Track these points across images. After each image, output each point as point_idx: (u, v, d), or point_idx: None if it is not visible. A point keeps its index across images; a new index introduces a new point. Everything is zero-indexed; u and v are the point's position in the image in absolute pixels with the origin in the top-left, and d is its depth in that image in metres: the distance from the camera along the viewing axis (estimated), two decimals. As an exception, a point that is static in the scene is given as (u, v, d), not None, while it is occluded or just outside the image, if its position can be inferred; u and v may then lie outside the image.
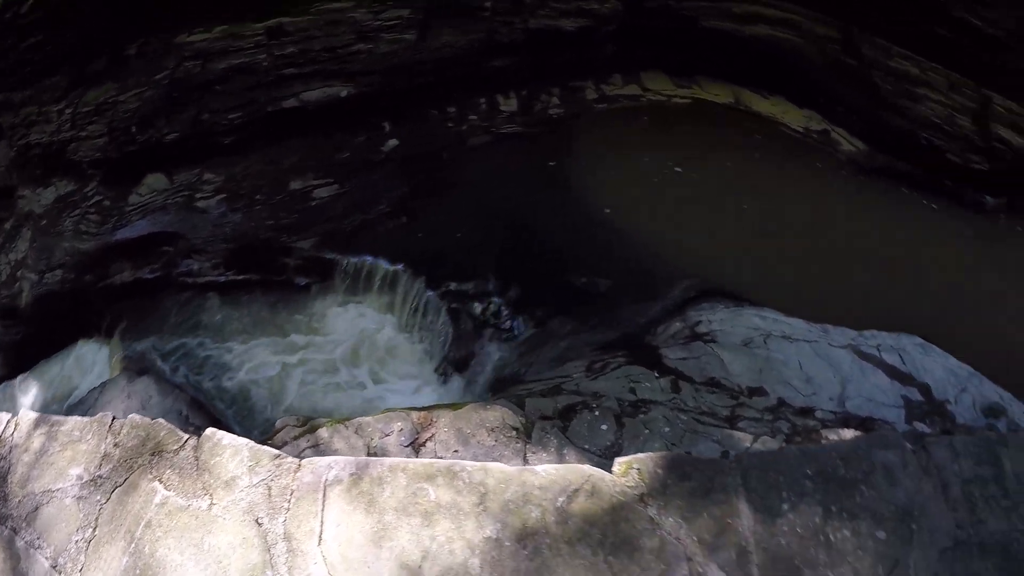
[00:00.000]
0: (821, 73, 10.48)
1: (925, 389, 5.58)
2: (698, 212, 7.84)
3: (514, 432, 3.88)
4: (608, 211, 7.66)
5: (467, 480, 2.22)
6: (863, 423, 4.71)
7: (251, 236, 7.25)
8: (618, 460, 2.32)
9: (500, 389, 5.93)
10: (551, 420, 4.28)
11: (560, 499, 2.19)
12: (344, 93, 7.56)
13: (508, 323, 6.86)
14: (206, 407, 6.59)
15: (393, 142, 8.03)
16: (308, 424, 4.14)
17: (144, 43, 6.98)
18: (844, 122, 10.75)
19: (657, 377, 5.03)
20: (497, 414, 4.10)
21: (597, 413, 4.39)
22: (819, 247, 7.94)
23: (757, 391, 4.96)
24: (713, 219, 7.76)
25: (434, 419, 3.96)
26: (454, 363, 6.88)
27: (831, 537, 2.24)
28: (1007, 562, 2.26)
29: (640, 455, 2.38)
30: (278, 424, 4.35)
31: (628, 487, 2.24)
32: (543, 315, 6.76)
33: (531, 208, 7.55)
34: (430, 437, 3.81)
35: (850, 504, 2.23)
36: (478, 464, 2.26)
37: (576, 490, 2.20)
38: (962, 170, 10.01)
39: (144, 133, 7.21)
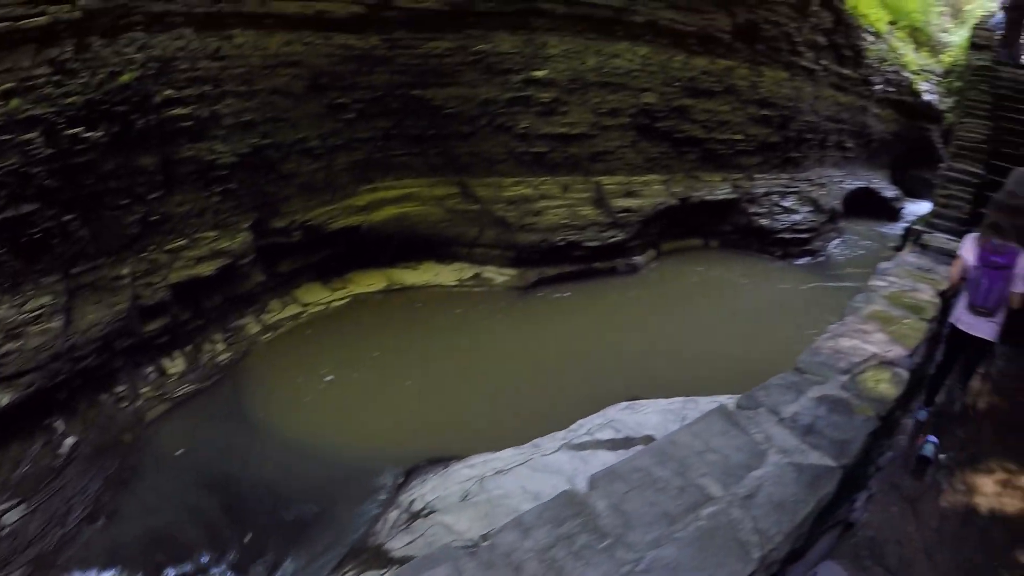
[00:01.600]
0: (452, 227, 12.39)
1: (649, 440, 5.97)
2: (379, 398, 8.69)
3: None
4: (295, 435, 8.09)
5: None
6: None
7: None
8: None
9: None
10: None
11: None
12: (6, 400, 6.42)
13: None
14: None
15: (71, 440, 7.81)
16: None
17: None
18: (488, 259, 12.74)
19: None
20: None
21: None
22: (503, 373, 9.45)
23: (486, 536, 4.70)
24: (395, 399, 8.68)
25: None
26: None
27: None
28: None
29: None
30: None
31: None
32: (272, 561, 6.75)
33: (225, 459, 7.69)
34: None
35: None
36: None
37: None
38: (603, 249, 12.95)
39: None
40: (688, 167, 14.88)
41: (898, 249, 16.43)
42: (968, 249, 4.75)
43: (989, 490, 4.60)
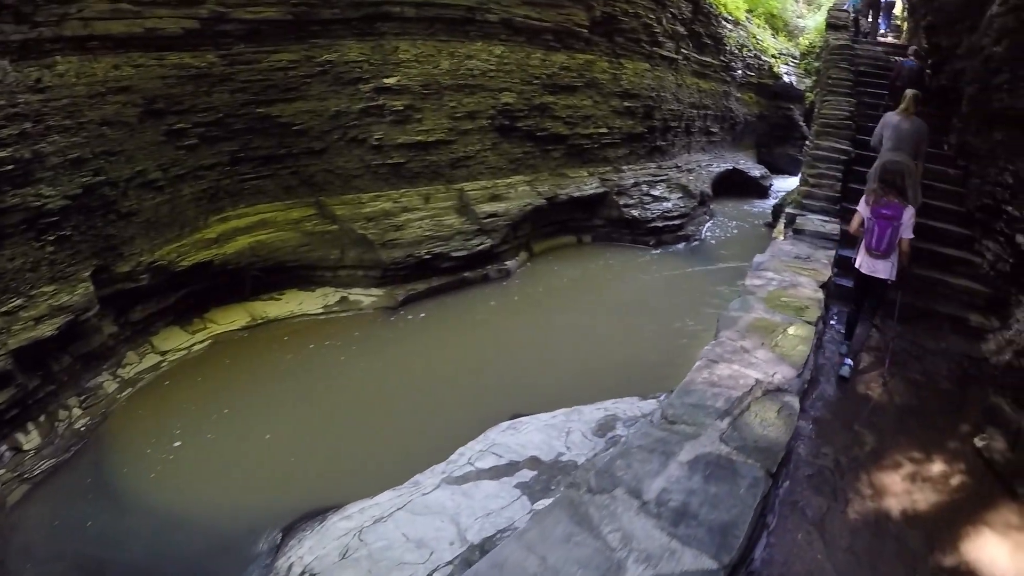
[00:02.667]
0: (311, 251, 12.31)
1: (534, 462, 6.03)
2: (249, 451, 8.37)
3: None
4: (164, 504, 7.65)
5: None
6: (489, 541, 5.00)
7: None
8: None
9: None
10: None
11: None
12: None
13: None
14: None
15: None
16: None
17: None
18: (354, 281, 12.74)
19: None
20: None
21: None
22: (377, 404, 9.31)
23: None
24: (265, 450, 8.38)
25: None
26: None
27: None
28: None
29: None
30: None
31: None
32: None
33: (94, 541, 7.21)
34: None
35: None
36: None
37: None
38: (471, 258, 13.27)
39: None
40: (554, 165, 15.41)
41: (769, 226, 17.51)
42: (863, 205, 6.26)
43: (898, 488, 4.48)
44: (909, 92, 8.40)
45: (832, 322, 7.30)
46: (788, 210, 10.23)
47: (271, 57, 11.04)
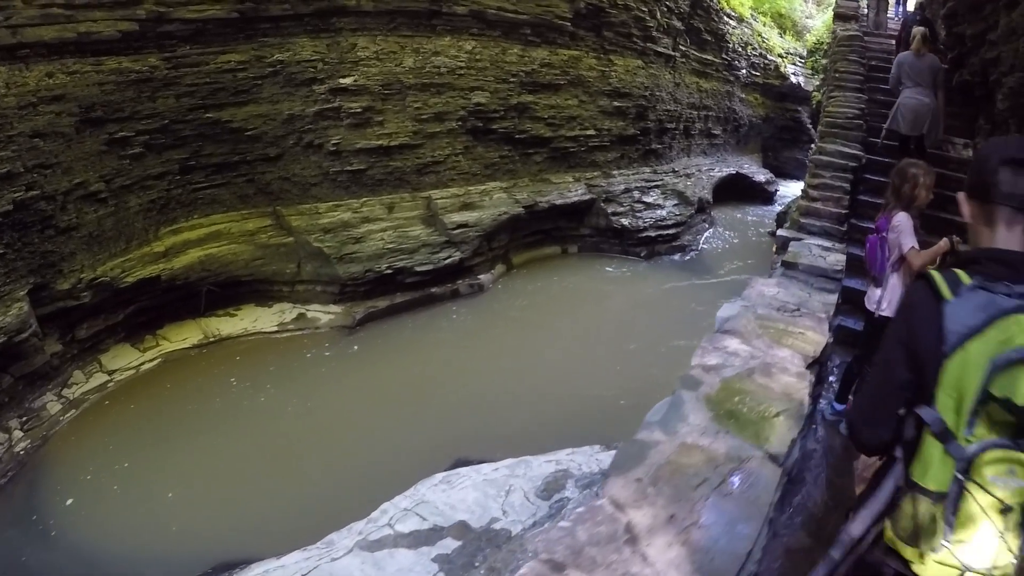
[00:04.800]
0: (266, 264, 12.05)
1: (461, 529, 5.38)
2: (180, 487, 8.15)
3: None
4: (89, 543, 7.46)
5: None
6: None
7: None
8: None
9: None
10: None
11: None
12: None
13: None
14: None
15: None
16: None
17: None
18: (312, 297, 12.42)
19: None
20: None
21: None
22: (316, 440, 8.95)
23: None
24: (198, 487, 8.15)
25: None
26: None
27: None
28: None
29: None
30: None
31: None
32: None
33: (20, 572, 7.12)
34: None
35: None
36: None
37: None
38: (439, 272, 12.80)
39: None
40: (536, 170, 15.10)
41: (773, 235, 16.81)
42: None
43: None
44: (917, 30, 8.87)
45: (831, 379, 6.21)
46: (782, 232, 9.01)
47: (218, 58, 10.97)
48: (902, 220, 4.67)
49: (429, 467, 7.12)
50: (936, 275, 1.77)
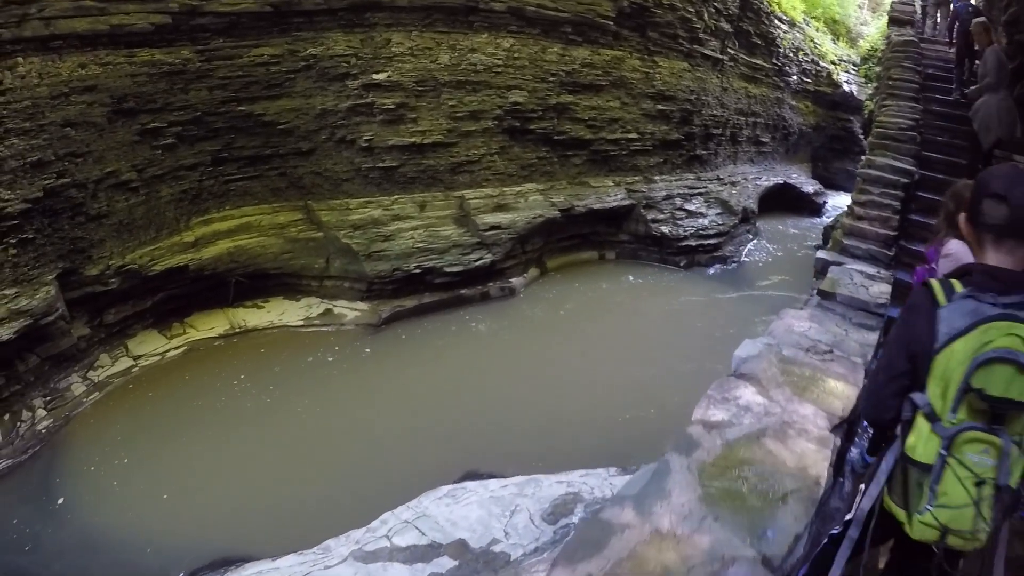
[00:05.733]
0: (295, 258, 12.07)
1: (459, 548, 5.24)
2: (190, 477, 8.20)
3: None
4: (97, 524, 7.60)
5: None
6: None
7: None
8: None
9: None
10: None
11: None
12: None
13: None
14: None
15: None
16: None
17: None
18: (339, 293, 12.37)
19: None
20: None
21: None
22: (331, 440, 8.88)
23: None
24: (207, 478, 8.20)
25: None
26: None
27: None
28: None
29: None
30: None
31: None
32: None
33: (21, 551, 7.22)
34: None
35: None
36: None
37: None
38: (469, 274, 12.56)
39: None
40: (574, 172, 14.89)
41: (820, 248, 16.21)
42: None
43: None
44: (976, 23, 8.73)
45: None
46: (821, 254, 8.26)
47: (251, 52, 11.07)
48: (955, 248, 3.86)
49: (438, 477, 7.06)
50: (935, 284, 2.16)
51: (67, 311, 9.69)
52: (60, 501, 8.05)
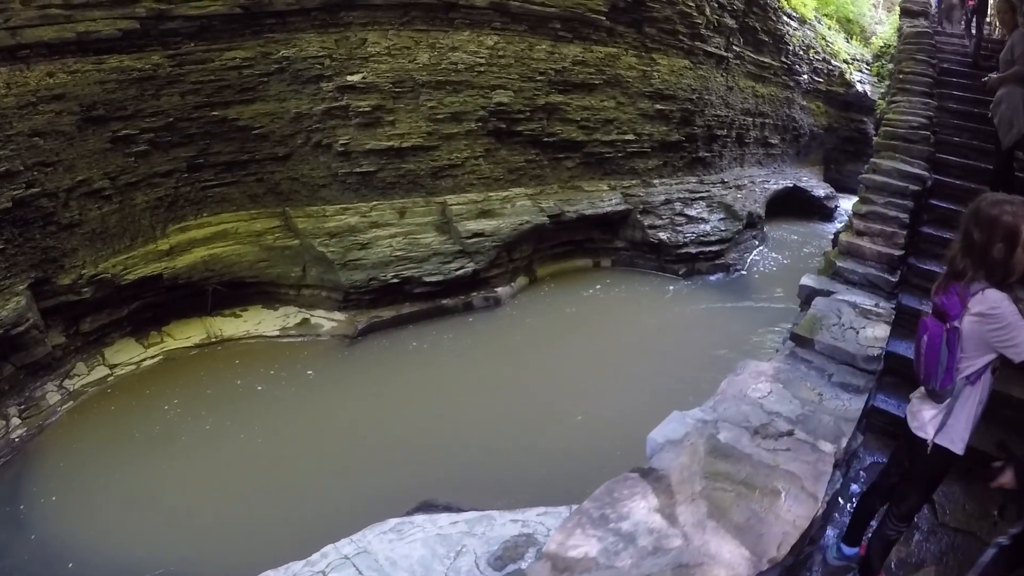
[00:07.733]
0: (271, 267, 12.04)
1: None
2: (150, 494, 8.26)
3: None
4: (60, 538, 7.63)
5: None
6: None
7: None
8: None
9: None
10: None
11: None
12: None
13: None
14: None
15: None
16: None
17: None
18: (317, 302, 12.35)
19: None
20: None
21: None
22: (292, 459, 8.85)
23: None
24: (167, 495, 8.23)
25: None
26: None
27: None
28: None
29: None
30: None
31: None
32: None
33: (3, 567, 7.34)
34: None
35: None
36: None
37: None
38: (450, 283, 12.38)
39: None
40: (566, 176, 14.79)
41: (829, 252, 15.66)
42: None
43: None
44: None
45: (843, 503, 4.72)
46: (806, 281, 6.88)
47: (223, 55, 11.21)
48: (1000, 304, 2.85)
49: (391, 505, 7.01)
50: None
51: (41, 320, 9.89)
52: (27, 510, 8.12)
